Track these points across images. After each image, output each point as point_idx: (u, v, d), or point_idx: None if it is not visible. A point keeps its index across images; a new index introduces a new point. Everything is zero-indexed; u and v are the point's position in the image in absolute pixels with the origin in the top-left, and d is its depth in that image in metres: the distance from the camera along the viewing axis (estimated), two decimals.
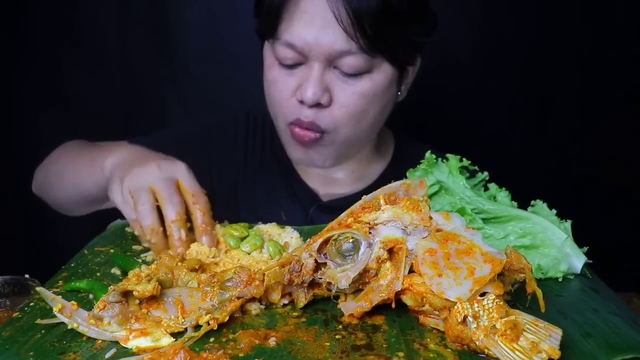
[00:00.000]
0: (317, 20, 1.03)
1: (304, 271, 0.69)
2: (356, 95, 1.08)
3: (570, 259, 0.82)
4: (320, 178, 1.27)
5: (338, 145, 1.15)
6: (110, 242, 0.93)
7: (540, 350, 0.56)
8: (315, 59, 1.05)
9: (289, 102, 1.11)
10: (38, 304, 0.70)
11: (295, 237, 0.91)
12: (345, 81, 1.08)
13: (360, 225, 0.69)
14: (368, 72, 1.08)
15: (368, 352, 0.60)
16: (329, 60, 1.05)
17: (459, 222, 0.70)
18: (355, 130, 1.13)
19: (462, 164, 0.92)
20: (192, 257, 0.81)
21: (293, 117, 1.11)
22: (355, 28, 1.02)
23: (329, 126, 1.10)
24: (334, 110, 1.09)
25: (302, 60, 1.07)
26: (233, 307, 0.66)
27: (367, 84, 1.08)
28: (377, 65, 1.08)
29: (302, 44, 1.04)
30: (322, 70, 1.06)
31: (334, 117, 1.10)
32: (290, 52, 1.06)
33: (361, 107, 1.10)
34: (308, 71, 1.07)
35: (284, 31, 1.06)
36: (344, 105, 1.09)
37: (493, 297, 0.60)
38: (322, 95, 1.07)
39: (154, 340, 0.62)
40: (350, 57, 1.04)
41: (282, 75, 1.10)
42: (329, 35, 1.03)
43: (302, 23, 1.04)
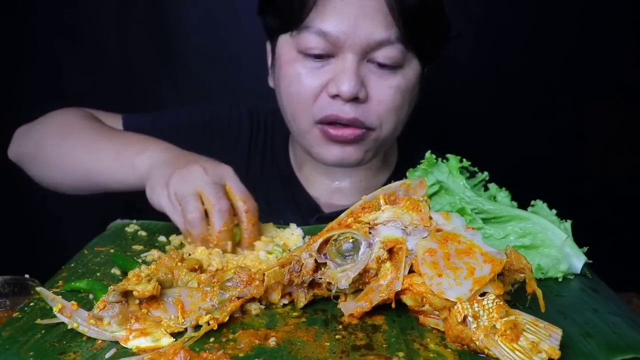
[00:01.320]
0: (353, 9, 0.99)
1: (304, 271, 0.69)
2: (392, 89, 1.05)
3: (570, 259, 0.82)
4: (323, 187, 1.22)
5: (381, 142, 1.11)
6: (110, 242, 0.93)
7: (540, 350, 0.56)
8: (350, 50, 1.01)
9: (317, 98, 1.05)
10: (38, 304, 0.70)
11: (297, 234, 0.91)
12: (380, 75, 1.04)
13: (360, 225, 0.69)
14: (401, 67, 1.05)
15: (368, 352, 0.60)
16: (364, 52, 1.02)
17: (459, 222, 0.70)
18: (396, 126, 1.10)
19: (462, 164, 0.92)
20: (192, 257, 0.81)
21: (324, 114, 1.05)
22: (397, 15, 0.99)
23: (375, 122, 1.06)
24: (374, 106, 1.05)
25: (332, 52, 1.03)
26: (233, 307, 0.66)
27: (401, 79, 1.06)
28: (409, 60, 1.06)
29: (337, 33, 1.00)
30: (357, 62, 1.02)
31: (377, 113, 1.05)
32: (322, 42, 1.01)
33: (399, 102, 1.07)
34: (341, 63, 1.02)
35: (316, 19, 1.01)
36: (381, 100, 1.05)
37: (493, 297, 0.60)
38: (360, 89, 1.02)
39: (154, 340, 0.62)
40: (387, 48, 1.01)
41: (308, 69, 1.05)
42: (367, 24, 0.99)
43: (337, 11, 1.00)
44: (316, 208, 1.21)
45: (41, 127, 1.17)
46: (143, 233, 0.97)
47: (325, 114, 1.05)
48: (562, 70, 1.75)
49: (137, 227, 0.99)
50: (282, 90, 1.10)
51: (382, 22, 0.99)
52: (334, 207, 1.20)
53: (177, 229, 0.98)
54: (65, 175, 1.12)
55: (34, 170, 1.18)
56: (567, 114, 1.79)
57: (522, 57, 1.74)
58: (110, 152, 1.04)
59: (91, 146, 1.08)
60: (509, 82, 1.75)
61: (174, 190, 0.87)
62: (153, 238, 0.95)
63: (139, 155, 0.98)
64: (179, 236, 0.94)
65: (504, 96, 1.77)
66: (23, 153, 1.18)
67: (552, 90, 1.78)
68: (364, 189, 1.21)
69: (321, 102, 1.05)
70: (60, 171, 1.12)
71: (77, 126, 1.13)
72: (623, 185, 1.79)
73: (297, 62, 1.05)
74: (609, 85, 1.75)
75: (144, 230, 0.98)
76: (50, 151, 1.13)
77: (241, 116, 1.28)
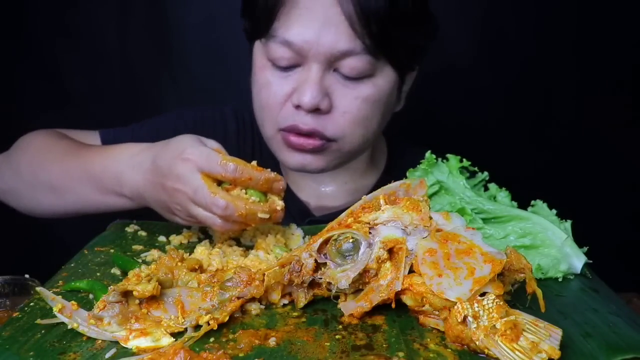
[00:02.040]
0: (318, 17, 0.96)
1: (304, 271, 0.69)
2: (359, 100, 1.02)
3: (570, 259, 0.82)
4: (311, 191, 1.20)
5: (345, 152, 1.08)
6: (110, 242, 0.93)
7: (540, 350, 0.56)
8: (314, 60, 0.98)
9: (282, 106, 1.03)
10: (38, 304, 0.70)
11: (297, 234, 0.91)
12: (346, 85, 1.01)
13: (360, 225, 0.69)
14: (370, 76, 1.02)
15: (368, 352, 0.60)
16: (329, 62, 0.99)
17: (459, 222, 0.70)
18: (363, 138, 1.07)
19: (462, 164, 0.92)
20: (192, 257, 0.81)
21: (287, 124, 1.03)
22: (362, 25, 0.95)
23: (336, 134, 1.03)
24: (337, 117, 1.02)
25: (298, 62, 1.00)
26: (233, 307, 0.66)
27: (370, 89, 1.02)
28: (380, 69, 1.02)
29: (301, 42, 0.97)
30: (321, 72, 0.99)
31: (339, 125, 1.03)
32: (287, 52, 0.99)
33: (365, 113, 1.04)
34: (306, 73, 1.00)
35: (280, 28, 0.99)
36: (346, 111, 1.02)
37: (493, 297, 0.60)
38: (322, 100, 1.00)
39: (154, 340, 0.62)
40: (352, 59, 0.98)
41: (276, 77, 1.03)
42: (332, 33, 0.96)
43: (302, 20, 0.97)
44: (307, 212, 1.20)
45: (13, 161, 1.13)
46: (143, 233, 0.97)
47: (288, 123, 1.03)
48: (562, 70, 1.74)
49: (137, 227, 1.00)
50: (254, 95, 1.10)
51: (347, 32, 0.96)
52: (325, 210, 1.19)
53: (177, 229, 0.98)
54: (44, 207, 1.09)
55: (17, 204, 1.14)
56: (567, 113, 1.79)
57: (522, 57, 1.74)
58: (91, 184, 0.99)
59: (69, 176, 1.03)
60: (509, 82, 1.75)
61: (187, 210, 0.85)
62: (153, 238, 0.95)
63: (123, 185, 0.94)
64: (178, 236, 0.95)
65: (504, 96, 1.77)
66: (1, 190, 1.15)
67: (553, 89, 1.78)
68: (352, 191, 1.20)
69: (286, 111, 1.03)
70: (37, 205, 1.10)
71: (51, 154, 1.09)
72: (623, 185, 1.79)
73: (267, 70, 1.04)
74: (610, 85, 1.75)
75: (144, 230, 0.98)
76: (25, 186, 1.09)
77: (226, 117, 1.26)
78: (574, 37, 1.72)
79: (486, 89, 1.74)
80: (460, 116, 1.76)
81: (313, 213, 1.20)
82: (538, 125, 1.81)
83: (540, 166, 1.81)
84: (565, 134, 1.79)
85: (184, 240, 0.94)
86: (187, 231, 0.96)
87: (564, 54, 1.74)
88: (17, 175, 1.11)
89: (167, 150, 0.88)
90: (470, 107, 1.75)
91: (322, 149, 1.05)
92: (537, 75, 1.76)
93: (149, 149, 0.93)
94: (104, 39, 1.77)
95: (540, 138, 1.81)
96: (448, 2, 1.65)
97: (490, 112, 1.77)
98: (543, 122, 1.81)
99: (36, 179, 1.08)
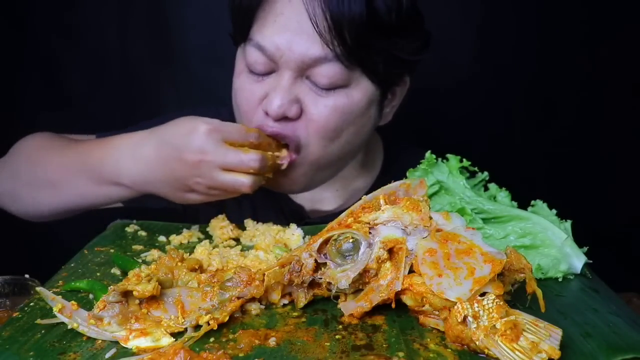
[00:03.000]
0: (292, 24, 0.95)
1: (304, 271, 0.69)
2: (328, 109, 0.99)
3: (570, 259, 0.82)
4: (305, 195, 1.19)
5: (306, 167, 1.04)
6: (110, 242, 0.93)
7: (540, 350, 0.56)
8: (286, 67, 0.97)
9: (254, 112, 1.02)
10: (38, 304, 0.70)
11: (297, 234, 0.91)
12: (318, 93, 0.99)
13: (360, 225, 0.69)
14: (344, 87, 0.99)
15: (368, 352, 0.60)
16: (301, 69, 0.97)
17: (459, 222, 0.70)
18: (326, 150, 1.03)
19: (462, 164, 0.92)
20: (192, 257, 0.81)
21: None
22: (332, 34, 0.93)
23: (299, 140, 1.01)
24: (302, 124, 1.00)
25: (273, 68, 0.99)
26: (233, 307, 0.66)
27: (343, 99, 0.99)
28: (355, 80, 0.99)
29: (273, 48, 0.96)
30: (292, 79, 0.98)
31: (304, 132, 1.00)
32: (261, 57, 0.98)
33: (334, 124, 1.00)
34: (277, 80, 0.99)
35: (256, 33, 0.98)
36: (314, 119, 0.99)
37: (493, 297, 0.60)
38: (290, 107, 0.98)
39: (154, 340, 0.62)
40: (324, 66, 0.96)
41: (250, 82, 1.02)
42: (303, 40, 0.95)
43: (276, 26, 0.96)
44: (302, 215, 1.19)
45: (10, 163, 1.15)
46: (143, 233, 0.97)
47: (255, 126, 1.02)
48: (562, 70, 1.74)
49: (137, 227, 0.99)
50: (232, 100, 1.10)
51: (319, 39, 0.94)
52: (320, 213, 1.19)
53: (177, 229, 0.98)
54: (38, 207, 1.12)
55: (15, 206, 1.16)
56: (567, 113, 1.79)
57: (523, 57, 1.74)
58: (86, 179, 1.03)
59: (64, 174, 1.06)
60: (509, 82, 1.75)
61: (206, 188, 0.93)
62: (153, 238, 0.95)
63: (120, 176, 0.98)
64: (178, 236, 0.95)
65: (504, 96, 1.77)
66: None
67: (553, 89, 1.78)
68: (345, 196, 1.20)
69: (257, 116, 1.02)
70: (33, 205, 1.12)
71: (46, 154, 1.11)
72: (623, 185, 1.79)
73: (243, 74, 1.03)
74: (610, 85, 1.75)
75: (144, 230, 0.98)
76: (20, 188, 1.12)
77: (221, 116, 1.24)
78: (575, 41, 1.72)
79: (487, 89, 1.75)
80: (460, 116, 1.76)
81: (309, 215, 1.20)
82: (538, 126, 1.82)
83: (540, 166, 1.81)
84: (565, 134, 1.79)
85: (184, 240, 0.94)
86: (187, 231, 0.97)
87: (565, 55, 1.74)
88: (14, 176, 1.12)
89: (176, 129, 0.93)
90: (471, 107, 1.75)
91: None
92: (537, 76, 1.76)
93: (149, 134, 0.97)
94: (104, 39, 1.77)
95: (540, 138, 1.81)
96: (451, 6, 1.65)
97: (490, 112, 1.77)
98: (543, 122, 1.81)
99: (34, 176, 1.10)
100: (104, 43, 1.77)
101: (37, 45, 1.76)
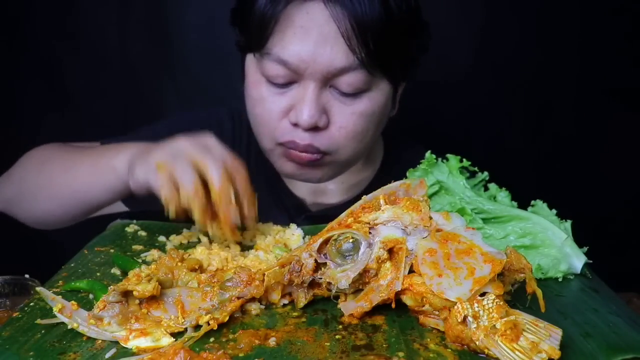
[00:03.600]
0: (313, 35, 0.96)
1: (304, 271, 0.69)
2: (355, 115, 1.02)
3: (570, 259, 0.82)
4: (308, 188, 1.21)
5: (336, 166, 1.10)
6: (110, 242, 0.93)
7: (540, 351, 0.56)
8: (310, 78, 0.98)
9: (279, 123, 1.03)
10: (38, 304, 0.70)
11: (297, 234, 0.91)
12: (343, 101, 1.01)
13: (360, 225, 0.69)
14: (367, 91, 1.02)
15: (368, 352, 0.60)
16: (325, 79, 0.98)
17: (459, 222, 0.70)
18: (357, 150, 1.09)
19: (462, 164, 0.92)
20: (192, 257, 0.81)
21: (284, 139, 1.04)
22: (359, 41, 0.95)
23: (330, 148, 1.04)
24: (333, 132, 1.03)
25: (294, 79, 1.00)
26: (233, 307, 0.66)
27: (366, 104, 1.03)
28: (375, 83, 1.02)
29: (296, 61, 0.97)
30: (318, 90, 0.99)
31: (334, 139, 1.03)
32: (283, 70, 0.98)
33: (361, 128, 1.04)
34: (302, 91, 1.00)
35: (275, 46, 0.98)
36: (342, 126, 1.03)
37: (493, 297, 0.60)
38: (319, 118, 1.00)
39: (154, 340, 0.62)
40: (349, 75, 0.98)
41: (271, 94, 1.02)
42: (327, 51, 0.96)
43: (297, 38, 0.96)
44: (303, 207, 1.20)
45: (18, 169, 1.16)
46: (143, 233, 0.97)
47: (286, 139, 1.04)
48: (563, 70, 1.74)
49: (137, 227, 0.99)
50: (249, 109, 1.10)
51: (343, 49, 0.96)
52: (321, 205, 1.21)
53: (177, 229, 0.98)
54: (52, 204, 1.10)
55: (22, 211, 1.16)
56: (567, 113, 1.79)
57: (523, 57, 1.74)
58: (87, 166, 1.03)
59: (68, 166, 1.07)
60: (509, 82, 1.75)
61: (157, 160, 0.84)
62: (153, 238, 0.95)
63: (116, 157, 0.96)
64: (178, 236, 0.95)
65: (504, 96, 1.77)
66: (7, 199, 1.16)
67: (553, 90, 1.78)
68: (348, 188, 1.22)
69: (283, 127, 1.04)
70: (46, 202, 1.10)
71: (52, 155, 1.13)
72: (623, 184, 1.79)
73: (261, 85, 1.04)
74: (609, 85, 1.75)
75: (144, 230, 0.98)
76: (33, 186, 1.12)
77: (222, 118, 1.26)
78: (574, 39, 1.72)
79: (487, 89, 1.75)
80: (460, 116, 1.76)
81: (309, 208, 1.20)
82: (538, 126, 1.82)
83: (540, 166, 1.81)
84: (565, 134, 1.79)
85: (184, 240, 0.94)
86: (187, 231, 0.97)
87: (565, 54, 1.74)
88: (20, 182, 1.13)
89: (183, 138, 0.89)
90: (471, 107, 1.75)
91: (317, 163, 1.07)
92: (537, 76, 1.76)
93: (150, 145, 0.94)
94: (105, 40, 1.77)
95: (540, 138, 1.81)
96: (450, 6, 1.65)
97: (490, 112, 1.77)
98: (543, 122, 1.81)
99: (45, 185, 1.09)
100: (104, 44, 1.77)
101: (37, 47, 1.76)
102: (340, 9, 0.95)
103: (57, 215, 1.12)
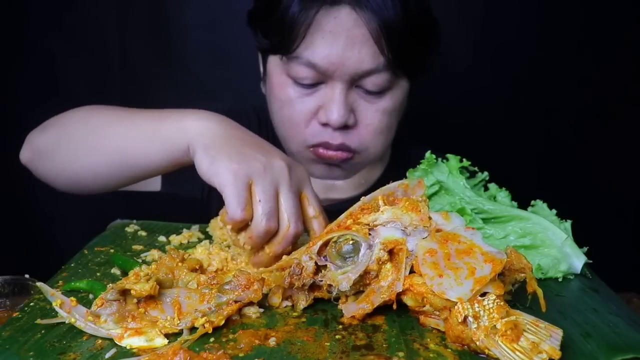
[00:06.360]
0: (341, 39, 1.00)
1: (304, 274, 0.69)
2: (379, 113, 1.08)
3: (570, 259, 0.82)
4: (318, 183, 1.19)
5: (366, 162, 1.16)
6: (110, 242, 0.93)
7: (540, 351, 0.56)
8: (338, 79, 1.03)
9: (309, 124, 1.08)
10: (38, 304, 0.70)
11: None
12: (368, 100, 1.07)
13: (359, 226, 0.69)
14: (389, 89, 1.07)
15: (368, 352, 0.60)
16: (353, 80, 1.04)
17: (458, 222, 0.70)
18: (383, 146, 1.14)
19: (462, 164, 0.92)
20: (193, 258, 0.80)
21: (316, 141, 1.09)
22: (386, 43, 1.00)
23: (360, 146, 1.10)
24: (361, 130, 1.08)
25: (322, 80, 1.04)
26: (230, 310, 0.65)
27: (390, 101, 1.08)
28: (397, 82, 1.08)
29: (326, 64, 1.01)
30: (345, 90, 1.04)
31: (363, 137, 1.09)
32: (311, 72, 1.03)
33: (385, 124, 1.10)
34: (330, 91, 1.04)
35: (305, 50, 1.02)
36: (369, 124, 1.08)
37: (494, 297, 0.60)
38: (349, 117, 1.05)
39: (148, 340, 0.61)
40: (376, 76, 1.03)
41: (299, 95, 1.06)
42: (355, 54, 1.00)
43: (326, 42, 1.00)
44: None
45: (61, 118, 1.02)
46: (143, 233, 0.97)
47: (317, 141, 1.09)
48: (563, 70, 1.75)
49: (137, 227, 0.99)
50: (275, 112, 1.12)
51: (370, 51, 1.01)
52: (330, 201, 1.23)
53: (177, 229, 0.98)
54: (93, 159, 0.94)
55: (54, 166, 1.00)
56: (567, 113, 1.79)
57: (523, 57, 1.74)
58: (150, 120, 0.89)
59: (124, 118, 0.93)
60: (510, 82, 1.76)
61: (248, 174, 0.74)
62: (153, 238, 0.95)
63: (190, 116, 0.83)
64: (178, 236, 0.94)
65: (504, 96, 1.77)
66: (38, 149, 1.02)
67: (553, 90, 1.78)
68: (360, 184, 1.25)
69: (312, 128, 1.08)
70: (87, 156, 0.95)
71: (104, 108, 1.01)
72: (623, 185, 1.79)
73: (288, 87, 1.07)
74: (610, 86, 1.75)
75: (144, 230, 0.98)
76: (75, 136, 0.97)
77: (248, 112, 1.29)
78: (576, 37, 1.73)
79: (487, 88, 1.75)
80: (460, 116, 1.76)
81: None
82: (538, 125, 1.82)
83: (540, 166, 1.81)
84: (565, 134, 1.79)
85: (183, 240, 0.94)
86: (187, 231, 0.96)
87: (566, 54, 1.74)
88: (62, 130, 1.00)
89: (281, 156, 0.81)
90: (471, 107, 1.76)
91: (348, 161, 1.11)
92: (538, 75, 1.76)
93: None
94: (104, 39, 1.77)
95: (540, 138, 1.81)
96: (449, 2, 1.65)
97: (490, 112, 1.77)
98: (543, 122, 1.81)
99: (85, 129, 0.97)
100: (104, 43, 1.77)
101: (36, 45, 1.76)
102: (369, 12, 0.99)
103: (92, 175, 0.96)
